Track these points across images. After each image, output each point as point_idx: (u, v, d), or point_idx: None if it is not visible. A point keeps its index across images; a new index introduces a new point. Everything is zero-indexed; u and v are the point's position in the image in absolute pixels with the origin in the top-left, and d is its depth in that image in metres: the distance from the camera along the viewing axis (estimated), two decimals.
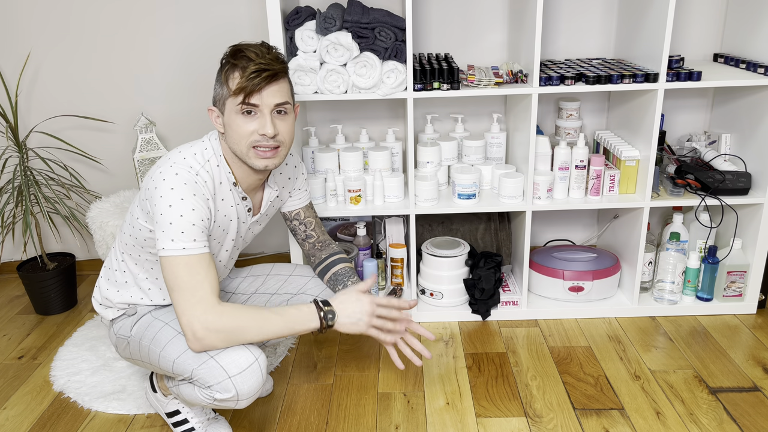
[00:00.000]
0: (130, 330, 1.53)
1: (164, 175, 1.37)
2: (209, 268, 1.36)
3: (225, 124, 1.44)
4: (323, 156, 2.13)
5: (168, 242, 1.34)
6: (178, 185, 1.36)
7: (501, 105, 2.34)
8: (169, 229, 1.34)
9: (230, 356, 1.35)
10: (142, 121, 2.21)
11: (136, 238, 1.49)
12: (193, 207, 1.36)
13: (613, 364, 1.90)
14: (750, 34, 2.07)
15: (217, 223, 1.46)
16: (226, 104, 1.41)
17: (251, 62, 1.37)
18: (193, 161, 1.41)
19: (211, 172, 1.43)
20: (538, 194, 2.04)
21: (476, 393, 1.79)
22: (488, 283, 2.09)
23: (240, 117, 1.40)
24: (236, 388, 1.34)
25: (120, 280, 1.55)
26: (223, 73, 1.41)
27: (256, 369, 1.36)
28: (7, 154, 2.40)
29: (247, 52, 1.38)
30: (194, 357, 1.36)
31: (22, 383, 1.92)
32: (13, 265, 2.63)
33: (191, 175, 1.39)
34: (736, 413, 1.68)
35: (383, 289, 2.30)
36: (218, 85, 1.43)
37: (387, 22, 1.88)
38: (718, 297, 2.15)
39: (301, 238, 1.75)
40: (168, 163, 1.40)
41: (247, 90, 1.36)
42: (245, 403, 1.38)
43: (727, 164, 2.06)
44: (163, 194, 1.35)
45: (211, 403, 1.39)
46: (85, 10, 2.26)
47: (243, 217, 1.54)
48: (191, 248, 1.35)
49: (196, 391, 1.40)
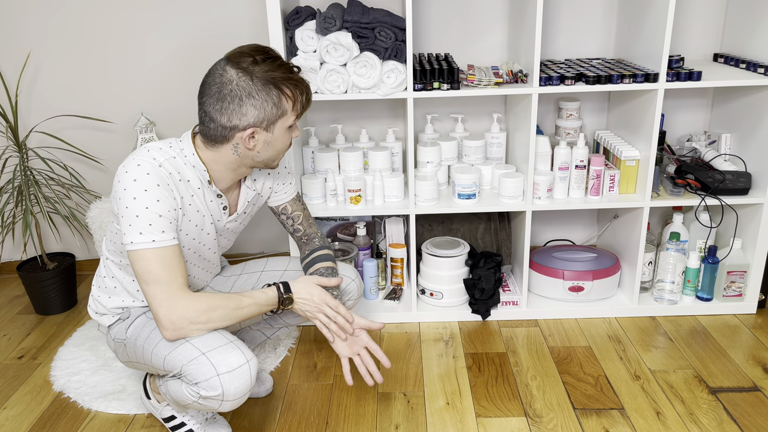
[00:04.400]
0: (125, 333, 1.52)
1: (126, 167, 1.36)
2: (180, 258, 1.37)
3: (267, 142, 1.42)
4: (323, 156, 2.13)
5: (136, 235, 1.33)
6: (140, 176, 1.34)
7: (501, 105, 2.34)
8: (136, 222, 1.33)
9: (222, 355, 1.35)
10: (142, 121, 2.21)
11: (114, 243, 1.49)
12: (158, 198, 1.34)
13: (613, 364, 1.90)
14: (750, 34, 2.07)
15: (188, 217, 1.44)
16: (277, 123, 1.40)
17: (302, 77, 1.42)
18: (157, 154, 1.39)
19: (178, 166, 1.41)
20: (538, 194, 2.04)
21: (476, 393, 1.79)
22: (488, 283, 2.09)
23: (288, 132, 1.45)
24: (223, 387, 1.33)
25: (109, 286, 1.55)
26: (275, 92, 1.37)
27: (246, 371, 1.35)
28: (7, 154, 2.40)
29: (290, 65, 1.40)
30: (185, 353, 1.36)
31: (22, 383, 1.92)
32: (13, 265, 2.63)
33: (154, 166, 1.36)
34: (736, 413, 1.68)
35: (383, 289, 2.30)
36: (268, 106, 1.37)
37: (387, 22, 1.88)
38: (718, 297, 2.15)
39: (290, 231, 1.75)
40: (131, 158, 1.38)
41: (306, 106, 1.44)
42: (230, 405, 1.36)
43: (727, 164, 2.06)
44: (127, 186, 1.34)
45: (196, 401, 1.37)
46: (86, 11, 2.26)
47: (217, 215, 1.52)
48: (161, 240, 1.34)
49: (183, 387, 1.39)
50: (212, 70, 1.38)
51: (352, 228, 2.33)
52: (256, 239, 2.58)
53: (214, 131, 1.40)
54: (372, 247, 2.32)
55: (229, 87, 1.35)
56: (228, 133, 1.39)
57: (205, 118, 1.40)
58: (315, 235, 1.74)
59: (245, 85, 1.35)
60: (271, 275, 1.75)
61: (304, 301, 1.52)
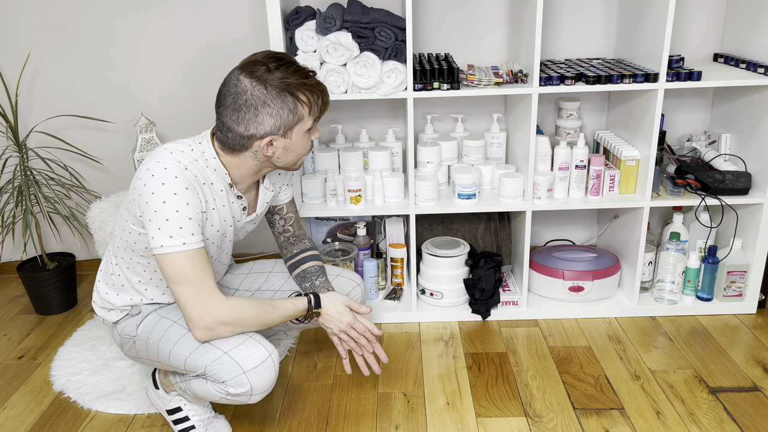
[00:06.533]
0: (135, 329, 1.53)
1: (152, 170, 1.35)
2: (208, 260, 1.39)
3: (286, 147, 1.43)
4: (323, 156, 2.13)
5: (166, 239, 1.33)
6: (168, 180, 1.34)
7: (501, 105, 2.34)
8: (166, 226, 1.33)
9: (244, 352, 1.37)
10: (142, 121, 2.21)
11: (126, 241, 1.48)
12: (187, 201, 1.35)
13: (613, 364, 1.90)
14: (750, 34, 2.07)
15: (211, 222, 1.45)
16: (294, 128, 1.41)
17: (318, 80, 1.42)
18: (181, 157, 1.39)
19: (201, 169, 1.41)
20: (538, 194, 2.04)
21: (476, 393, 1.79)
22: (488, 283, 2.09)
23: (307, 135, 1.45)
24: (251, 383, 1.37)
25: (117, 284, 1.56)
26: (290, 99, 1.37)
27: (270, 364, 1.39)
28: (7, 154, 2.40)
29: (305, 70, 1.40)
30: (207, 353, 1.38)
31: (22, 383, 1.92)
32: (13, 265, 2.63)
33: (180, 169, 1.36)
34: (736, 413, 1.68)
35: (383, 289, 2.30)
36: (284, 113, 1.37)
37: (387, 22, 1.88)
38: (718, 297, 2.15)
39: (278, 231, 1.75)
40: (155, 160, 1.37)
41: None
42: (258, 397, 1.41)
43: (727, 164, 2.06)
44: (155, 191, 1.33)
45: (224, 397, 1.41)
46: (86, 11, 2.26)
47: (238, 216, 1.53)
48: (191, 243, 1.35)
49: (209, 386, 1.42)
50: (227, 80, 1.39)
51: (352, 228, 2.33)
52: (256, 239, 2.58)
53: (232, 140, 1.40)
54: (372, 247, 2.32)
55: (244, 97, 1.35)
56: (246, 142, 1.40)
57: (222, 127, 1.40)
58: (304, 237, 1.77)
59: (260, 94, 1.35)
60: (279, 276, 1.78)
61: (331, 319, 1.56)
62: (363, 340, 1.58)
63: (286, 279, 1.76)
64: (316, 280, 1.68)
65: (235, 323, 1.39)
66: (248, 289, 1.76)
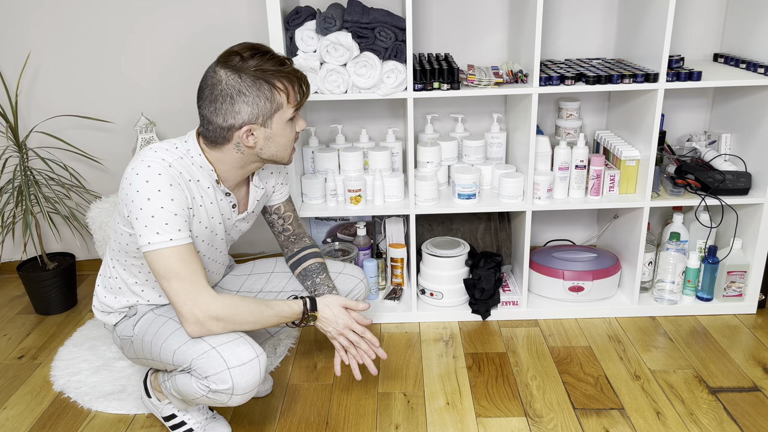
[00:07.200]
0: (132, 329, 1.53)
1: (136, 170, 1.35)
2: (197, 257, 1.38)
3: (267, 137, 1.42)
4: (323, 156, 2.13)
5: (153, 236, 1.33)
6: (152, 177, 1.34)
7: (501, 105, 2.34)
8: (152, 223, 1.33)
9: (232, 349, 1.36)
10: (142, 121, 2.21)
11: (119, 243, 1.48)
12: (172, 197, 1.35)
13: (613, 364, 1.90)
14: (750, 34, 2.07)
15: (198, 218, 1.44)
16: (274, 117, 1.40)
17: (294, 68, 1.41)
18: (165, 155, 1.39)
19: (186, 166, 1.41)
20: (538, 194, 2.04)
21: (476, 393, 1.79)
22: (488, 283, 2.09)
23: (289, 125, 1.44)
24: (233, 380, 1.35)
25: (114, 287, 1.56)
26: (266, 87, 1.36)
27: (256, 365, 1.37)
28: (7, 154, 2.40)
29: (280, 57, 1.39)
30: (195, 347, 1.37)
31: (22, 383, 1.92)
32: (13, 265, 2.63)
33: (164, 166, 1.36)
34: (736, 413, 1.68)
35: (383, 289, 2.30)
36: (261, 101, 1.36)
37: (387, 22, 1.88)
38: (718, 297, 2.15)
39: (278, 230, 1.75)
40: (139, 159, 1.38)
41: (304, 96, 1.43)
42: (239, 399, 1.38)
43: (727, 164, 2.06)
44: (140, 188, 1.34)
45: (205, 395, 1.38)
46: (85, 10, 2.26)
47: (227, 213, 1.53)
48: (178, 239, 1.35)
49: (192, 381, 1.40)
50: (205, 73, 1.39)
51: (352, 228, 2.33)
52: (256, 239, 2.58)
53: (213, 133, 1.40)
54: (372, 247, 2.32)
55: (219, 87, 1.35)
56: (226, 133, 1.40)
57: (203, 121, 1.41)
58: (304, 235, 1.77)
59: (234, 83, 1.35)
60: (281, 276, 1.77)
61: (327, 322, 1.55)
62: (363, 344, 1.57)
63: (288, 279, 1.76)
64: (316, 277, 1.68)
65: (227, 319, 1.38)
66: (250, 291, 1.76)
